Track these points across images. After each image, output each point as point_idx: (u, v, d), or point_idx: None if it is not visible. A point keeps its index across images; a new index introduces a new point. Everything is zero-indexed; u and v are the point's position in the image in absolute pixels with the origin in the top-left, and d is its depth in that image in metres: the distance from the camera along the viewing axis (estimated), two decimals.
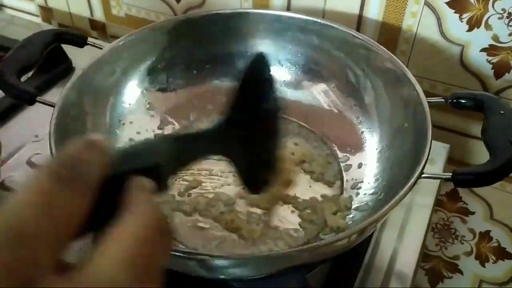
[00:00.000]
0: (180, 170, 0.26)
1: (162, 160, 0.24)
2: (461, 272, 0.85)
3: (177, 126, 0.63)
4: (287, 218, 0.53)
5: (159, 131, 0.61)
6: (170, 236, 0.21)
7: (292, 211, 0.53)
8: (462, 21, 0.59)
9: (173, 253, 0.39)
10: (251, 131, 0.31)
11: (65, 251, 0.18)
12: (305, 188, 0.56)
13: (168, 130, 0.62)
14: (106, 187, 0.20)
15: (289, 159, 0.58)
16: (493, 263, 0.81)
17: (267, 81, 0.34)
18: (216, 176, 0.57)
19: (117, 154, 0.22)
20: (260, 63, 0.33)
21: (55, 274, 0.17)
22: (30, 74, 0.66)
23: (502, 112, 0.47)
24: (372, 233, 0.54)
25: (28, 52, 0.54)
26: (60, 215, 0.18)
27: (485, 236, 0.78)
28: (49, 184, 0.18)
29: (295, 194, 0.55)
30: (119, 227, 0.19)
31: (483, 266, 0.82)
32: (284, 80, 0.65)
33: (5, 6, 0.97)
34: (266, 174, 0.32)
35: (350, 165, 0.58)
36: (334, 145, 0.60)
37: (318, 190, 0.55)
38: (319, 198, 0.54)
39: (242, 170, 0.31)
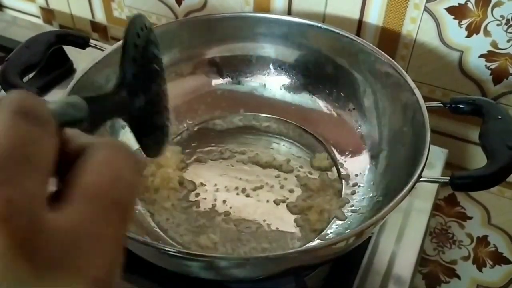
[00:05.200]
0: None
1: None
2: (458, 277, 0.85)
3: (176, 126, 0.63)
4: (284, 220, 0.53)
5: None
6: (135, 158, 0.21)
7: (290, 213, 0.54)
8: (461, 27, 0.59)
9: (172, 253, 0.40)
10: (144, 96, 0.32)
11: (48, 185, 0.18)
12: (303, 191, 0.56)
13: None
14: None
15: (287, 164, 0.59)
16: (490, 268, 0.81)
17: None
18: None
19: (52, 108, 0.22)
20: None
21: (48, 207, 0.17)
22: (31, 75, 0.66)
23: (499, 117, 0.47)
24: (370, 236, 0.54)
25: (31, 53, 0.54)
26: (36, 148, 0.18)
27: (483, 241, 0.78)
28: (16, 121, 0.18)
29: (294, 196, 0.55)
30: (88, 158, 0.19)
31: (481, 270, 0.82)
32: (284, 84, 0.65)
33: (7, 7, 0.98)
34: (161, 137, 0.34)
35: (349, 169, 0.58)
36: (333, 148, 0.60)
37: (316, 194, 0.55)
38: (317, 202, 0.55)
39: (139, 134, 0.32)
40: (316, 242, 0.51)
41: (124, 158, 0.20)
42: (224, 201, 0.55)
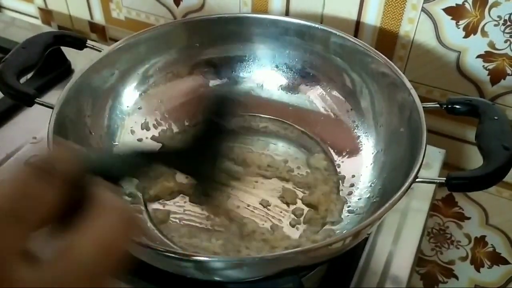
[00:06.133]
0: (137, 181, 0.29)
1: (124, 173, 0.26)
2: (456, 277, 0.85)
3: (173, 128, 0.63)
4: (281, 221, 0.53)
5: (156, 134, 0.62)
6: (135, 228, 0.22)
7: (286, 214, 0.54)
8: (458, 28, 0.59)
9: (169, 254, 0.40)
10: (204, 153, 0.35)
11: (32, 239, 0.19)
12: (300, 192, 0.56)
13: (164, 132, 0.62)
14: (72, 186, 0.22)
15: (284, 165, 0.59)
16: (488, 268, 0.81)
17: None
18: None
19: (89, 158, 0.24)
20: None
21: (23, 261, 0.18)
22: (29, 76, 0.66)
23: (496, 117, 0.47)
24: (368, 237, 0.54)
25: (28, 54, 0.54)
26: (32, 202, 0.19)
27: (481, 241, 0.78)
28: (27, 175, 0.20)
29: (291, 197, 0.55)
30: (88, 221, 0.20)
31: (478, 271, 0.82)
32: (281, 85, 0.65)
33: (5, 8, 0.98)
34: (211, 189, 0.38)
35: (346, 169, 0.58)
36: (330, 149, 0.60)
37: (313, 195, 0.56)
38: (315, 202, 0.55)
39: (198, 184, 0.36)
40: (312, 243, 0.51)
41: (124, 229, 0.21)
42: (221, 202, 0.55)
